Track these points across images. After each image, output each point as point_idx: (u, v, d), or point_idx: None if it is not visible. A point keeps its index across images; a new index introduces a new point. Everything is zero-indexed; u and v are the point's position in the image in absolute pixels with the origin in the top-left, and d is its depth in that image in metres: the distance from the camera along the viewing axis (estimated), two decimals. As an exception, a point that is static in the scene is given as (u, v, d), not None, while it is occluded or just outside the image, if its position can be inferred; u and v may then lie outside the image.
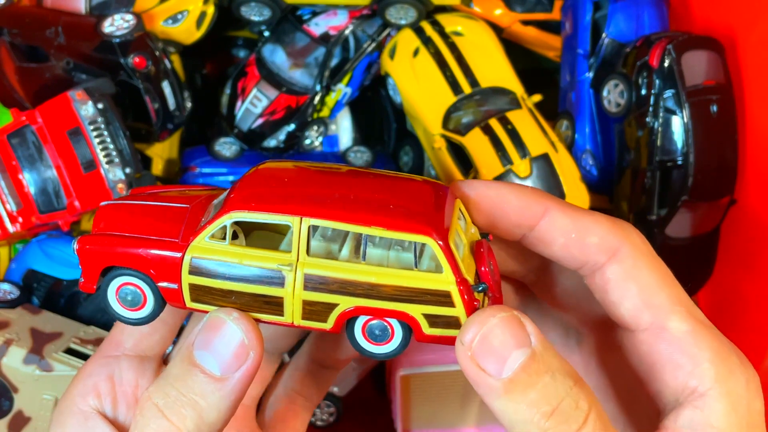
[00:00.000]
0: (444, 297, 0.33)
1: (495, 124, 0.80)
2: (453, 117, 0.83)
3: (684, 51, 0.76)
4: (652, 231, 0.79)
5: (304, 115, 0.87)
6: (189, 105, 0.85)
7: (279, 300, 0.33)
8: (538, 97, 0.85)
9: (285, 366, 0.46)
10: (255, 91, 0.88)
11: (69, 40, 0.78)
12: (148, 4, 0.83)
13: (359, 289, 0.33)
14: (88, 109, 0.74)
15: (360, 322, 0.34)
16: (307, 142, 0.90)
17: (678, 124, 0.76)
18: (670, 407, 0.34)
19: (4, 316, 0.70)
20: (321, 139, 0.91)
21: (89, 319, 0.75)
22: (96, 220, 0.36)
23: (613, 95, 0.82)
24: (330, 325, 0.34)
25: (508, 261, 0.40)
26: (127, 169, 0.75)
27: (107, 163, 0.74)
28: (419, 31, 0.86)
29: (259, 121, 0.88)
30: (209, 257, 0.33)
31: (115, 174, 0.75)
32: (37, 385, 0.66)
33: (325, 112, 0.89)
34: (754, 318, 0.77)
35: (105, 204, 0.37)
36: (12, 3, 0.82)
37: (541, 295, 0.41)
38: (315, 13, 0.88)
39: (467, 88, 0.83)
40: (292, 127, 0.88)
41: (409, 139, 0.93)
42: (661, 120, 0.76)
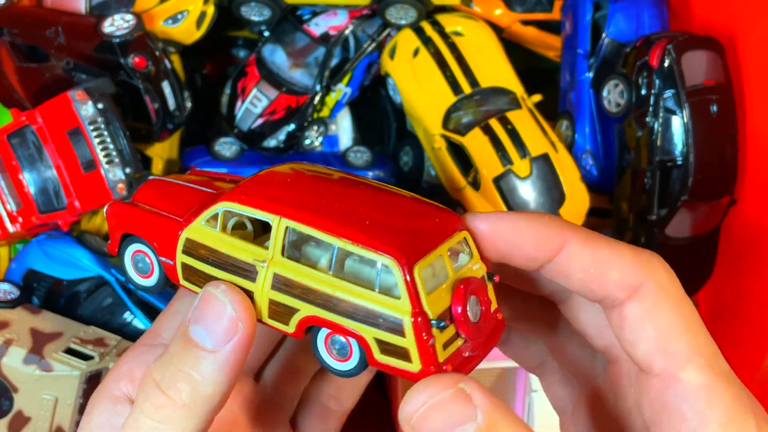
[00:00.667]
0: (396, 325, 0.30)
1: (495, 124, 0.80)
2: (453, 117, 0.83)
3: (684, 51, 0.76)
4: (652, 231, 0.79)
5: (304, 115, 0.87)
6: (189, 105, 0.85)
7: (250, 294, 0.33)
8: (538, 97, 0.85)
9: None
10: (255, 91, 0.88)
11: (69, 40, 0.78)
12: (148, 4, 0.83)
13: (318, 298, 0.32)
14: (88, 109, 0.74)
15: (323, 333, 0.33)
16: (307, 142, 0.90)
17: (678, 124, 0.76)
18: None
19: (4, 316, 0.70)
20: (321, 139, 0.91)
21: (89, 319, 0.75)
22: (137, 192, 0.38)
23: (613, 95, 0.82)
24: (292, 329, 0.33)
25: (530, 282, 0.38)
26: (127, 169, 0.75)
27: (107, 163, 0.74)
28: (419, 31, 0.86)
29: (259, 121, 0.88)
30: (200, 241, 0.34)
31: (115, 174, 0.75)
32: (37, 385, 0.66)
33: (325, 112, 0.89)
34: (754, 318, 0.77)
35: (152, 178, 0.39)
36: (12, 3, 0.82)
37: (568, 316, 0.40)
38: (315, 13, 0.88)
39: (467, 88, 0.83)
40: (292, 127, 0.88)
41: (409, 139, 0.93)
42: (661, 120, 0.76)
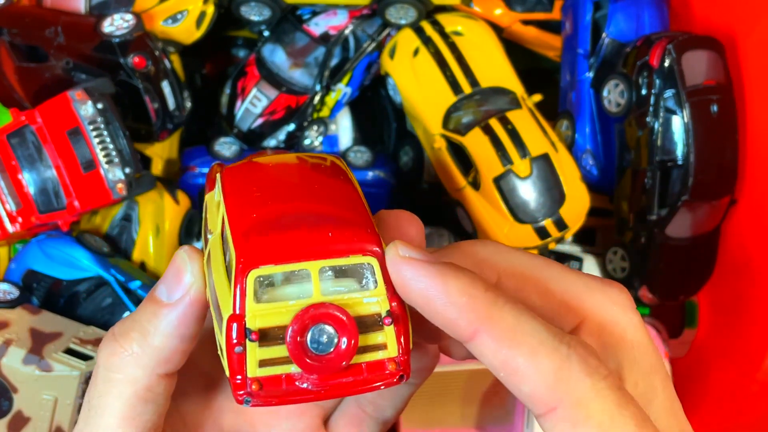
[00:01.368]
0: (220, 324, 0.30)
1: (495, 124, 0.80)
2: (453, 117, 0.82)
3: (684, 51, 0.76)
4: (652, 231, 0.79)
5: (304, 115, 0.87)
6: (189, 105, 0.85)
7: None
8: (538, 97, 0.84)
9: None
10: (255, 90, 0.88)
11: (69, 40, 0.78)
12: (147, 3, 0.83)
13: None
14: (87, 109, 0.74)
15: None
16: (306, 141, 0.90)
17: (678, 124, 0.76)
18: None
19: (4, 316, 0.70)
20: (321, 138, 0.91)
21: (89, 319, 0.75)
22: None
23: (614, 95, 0.81)
24: None
25: None
26: (127, 169, 0.75)
27: (107, 163, 0.74)
28: (419, 31, 0.86)
29: (259, 120, 0.88)
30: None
31: (114, 174, 0.74)
32: (37, 385, 0.66)
33: (325, 112, 0.89)
34: (754, 318, 0.77)
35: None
36: (12, 3, 0.82)
37: None
38: (315, 13, 0.88)
39: (467, 88, 0.83)
40: (292, 127, 0.88)
41: (409, 139, 0.93)
42: (661, 120, 0.76)
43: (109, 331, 0.33)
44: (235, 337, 0.28)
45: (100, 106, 0.74)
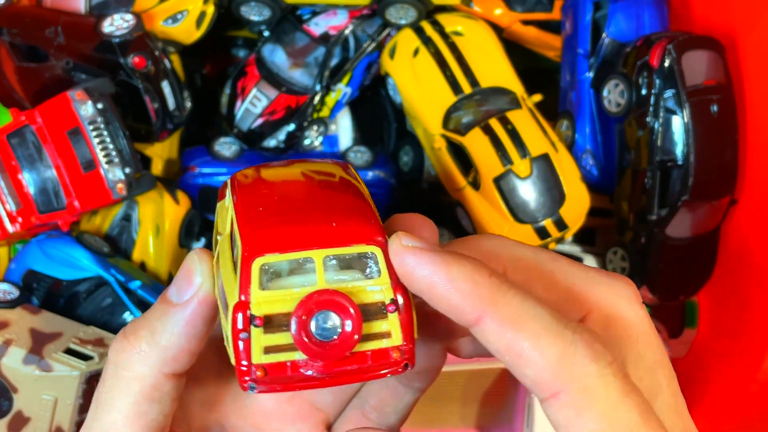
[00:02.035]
0: (225, 309, 0.30)
1: (495, 124, 0.80)
2: (453, 117, 0.83)
3: (684, 51, 0.76)
4: (653, 231, 0.79)
5: (304, 115, 0.87)
6: (189, 105, 0.85)
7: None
8: (538, 97, 0.84)
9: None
10: (255, 90, 0.88)
11: (69, 40, 0.78)
12: (147, 3, 0.83)
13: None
14: (87, 109, 0.74)
15: None
16: (307, 142, 0.90)
17: (678, 124, 0.76)
18: None
19: (4, 316, 0.70)
20: (321, 139, 0.91)
21: (89, 320, 0.75)
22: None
23: (614, 95, 0.81)
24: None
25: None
26: (127, 169, 0.75)
27: (107, 163, 0.74)
28: (419, 31, 0.86)
29: (259, 121, 0.88)
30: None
31: (114, 174, 0.74)
32: (37, 386, 0.66)
33: (325, 112, 0.89)
34: (754, 318, 0.77)
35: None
36: (12, 3, 0.82)
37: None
38: (315, 13, 0.88)
39: (467, 88, 0.83)
40: (292, 127, 0.88)
41: (409, 139, 0.93)
42: (661, 120, 0.76)
43: (121, 329, 0.33)
44: (241, 323, 0.29)
45: (100, 106, 0.74)
